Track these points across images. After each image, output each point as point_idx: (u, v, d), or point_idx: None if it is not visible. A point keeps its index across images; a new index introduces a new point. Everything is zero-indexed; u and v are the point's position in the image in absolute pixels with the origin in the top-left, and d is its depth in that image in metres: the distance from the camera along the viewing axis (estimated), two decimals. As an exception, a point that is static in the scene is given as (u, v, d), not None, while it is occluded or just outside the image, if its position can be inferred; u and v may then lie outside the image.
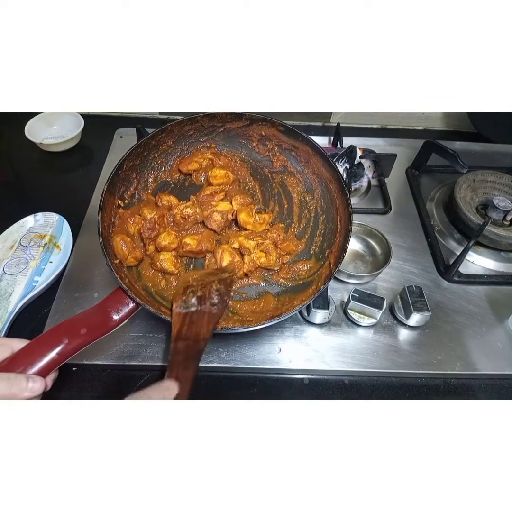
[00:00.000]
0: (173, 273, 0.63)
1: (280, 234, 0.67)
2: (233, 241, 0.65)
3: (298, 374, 0.63)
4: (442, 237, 0.80)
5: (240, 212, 0.67)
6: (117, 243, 0.60)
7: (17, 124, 0.92)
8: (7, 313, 0.65)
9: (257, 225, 0.67)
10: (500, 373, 0.63)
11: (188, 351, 0.48)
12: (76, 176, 0.92)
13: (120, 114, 1.06)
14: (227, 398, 0.38)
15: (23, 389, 0.40)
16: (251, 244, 0.65)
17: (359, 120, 1.07)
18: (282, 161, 0.73)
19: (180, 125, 0.68)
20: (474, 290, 0.72)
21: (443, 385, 0.63)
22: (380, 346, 0.64)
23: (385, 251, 0.73)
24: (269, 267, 0.65)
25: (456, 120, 1.08)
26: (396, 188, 0.89)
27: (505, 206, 0.74)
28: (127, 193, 0.66)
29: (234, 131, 0.72)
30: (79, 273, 0.71)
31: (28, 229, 0.77)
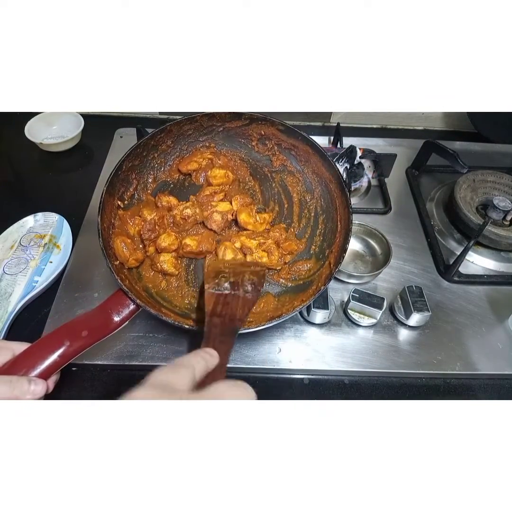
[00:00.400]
0: (174, 274, 0.63)
1: (282, 233, 0.67)
2: (235, 241, 0.65)
3: (298, 374, 0.63)
4: (442, 237, 0.80)
5: (240, 212, 0.67)
6: (118, 245, 0.60)
7: (17, 124, 0.92)
8: (7, 313, 0.65)
9: (258, 225, 0.67)
10: (500, 373, 0.63)
11: (223, 327, 0.47)
12: (76, 176, 0.92)
13: (120, 114, 1.06)
14: (227, 398, 0.38)
15: (25, 392, 0.40)
16: (253, 243, 0.64)
17: (359, 120, 1.07)
18: (282, 160, 0.73)
19: (179, 125, 0.68)
20: (474, 290, 0.72)
21: (443, 385, 0.63)
22: (380, 346, 0.64)
23: (385, 251, 0.73)
24: (271, 266, 0.65)
25: (456, 120, 1.08)
26: (396, 188, 0.89)
27: (505, 206, 0.74)
28: (126, 194, 0.66)
29: (234, 130, 0.72)
30: (79, 273, 0.71)
31: (28, 229, 0.77)
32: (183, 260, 0.66)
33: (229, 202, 0.69)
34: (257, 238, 0.65)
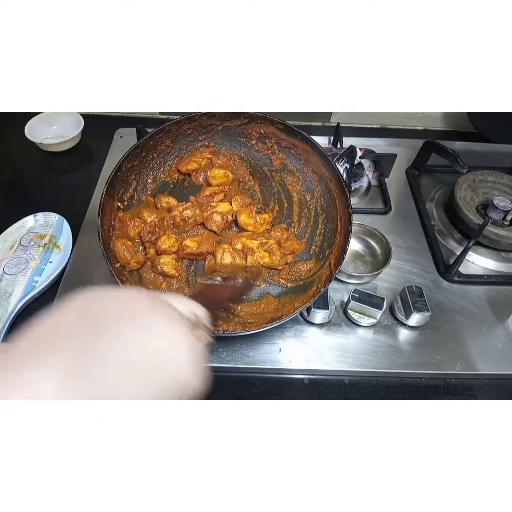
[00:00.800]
0: (174, 276, 0.63)
1: (283, 233, 0.67)
2: (236, 242, 0.65)
3: (298, 374, 0.63)
4: (442, 237, 0.80)
5: (240, 213, 0.67)
6: (119, 248, 0.60)
7: (17, 124, 0.92)
8: (7, 313, 0.65)
9: (258, 225, 0.67)
10: (500, 373, 0.63)
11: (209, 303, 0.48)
12: (76, 176, 0.92)
13: (120, 114, 1.06)
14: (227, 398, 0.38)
15: None
16: (254, 243, 0.64)
17: (359, 120, 1.07)
18: (282, 159, 0.73)
19: (178, 125, 0.68)
20: (474, 290, 0.72)
21: (443, 385, 0.63)
22: (380, 346, 0.64)
23: (385, 251, 0.73)
24: (273, 266, 0.65)
25: (456, 120, 1.08)
26: (396, 188, 0.89)
27: (505, 206, 0.74)
28: (126, 195, 0.66)
29: (233, 129, 0.72)
30: (79, 273, 0.71)
31: (28, 229, 0.77)
32: (183, 261, 0.66)
33: (229, 203, 0.69)
34: (259, 238, 0.65)
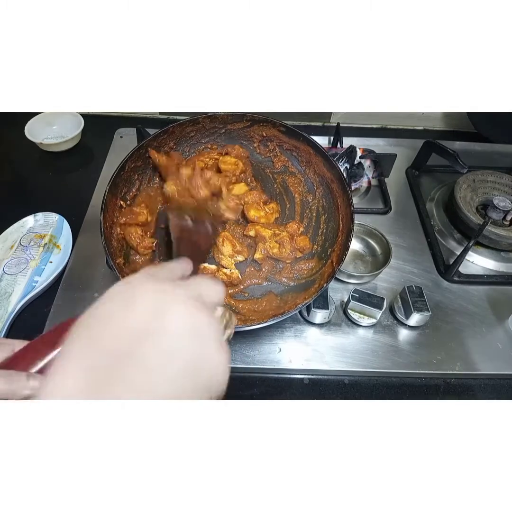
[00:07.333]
0: None
1: (300, 227, 0.68)
2: (250, 229, 0.66)
3: (298, 374, 0.63)
4: (442, 237, 0.80)
5: (248, 210, 0.67)
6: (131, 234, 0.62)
7: (17, 124, 0.92)
8: (7, 313, 0.65)
9: (269, 215, 0.68)
10: (500, 373, 0.63)
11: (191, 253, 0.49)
12: (76, 176, 0.92)
13: (120, 114, 1.06)
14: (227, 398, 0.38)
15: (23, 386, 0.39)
16: (268, 232, 0.65)
17: (359, 120, 1.07)
18: (283, 161, 0.73)
19: (181, 127, 0.68)
20: (474, 290, 0.72)
21: (443, 385, 0.63)
22: (380, 346, 0.64)
23: (385, 251, 0.74)
24: (281, 258, 0.65)
25: (456, 120, 1.08)
26: (396, 188, 0.89)
27: (505, 206, 0.74)
28: (129, 194, 0.66)
29: (236, 132, 0.72)
30: (79, 273, 0.71)
31: (28, 229, 0.77)
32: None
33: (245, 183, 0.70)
34: (273, 229, 0.65)
